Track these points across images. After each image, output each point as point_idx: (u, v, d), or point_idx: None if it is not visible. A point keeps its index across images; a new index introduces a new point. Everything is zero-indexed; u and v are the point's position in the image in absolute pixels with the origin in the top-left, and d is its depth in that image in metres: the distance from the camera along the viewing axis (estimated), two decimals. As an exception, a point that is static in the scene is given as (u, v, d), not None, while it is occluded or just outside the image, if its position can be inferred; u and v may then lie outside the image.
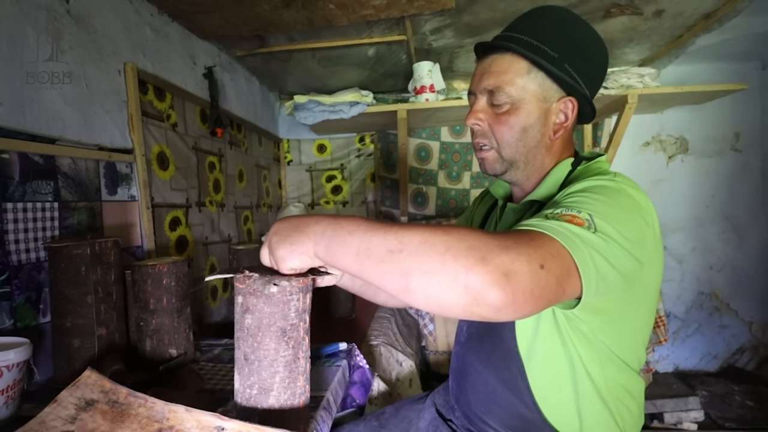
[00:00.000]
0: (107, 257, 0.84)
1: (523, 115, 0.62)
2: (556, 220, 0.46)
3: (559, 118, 0.63)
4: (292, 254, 0.50)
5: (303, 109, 1.83)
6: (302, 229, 0.49)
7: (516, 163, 0.65)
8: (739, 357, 2.11)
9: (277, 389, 0.56)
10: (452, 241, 0.40)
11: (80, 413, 0.61)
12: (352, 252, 0.44)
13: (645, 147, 2.11)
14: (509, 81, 0.61)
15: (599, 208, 0.49)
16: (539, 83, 0.61)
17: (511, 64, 0.61)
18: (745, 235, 2.07)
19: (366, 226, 0.45)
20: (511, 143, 0.63)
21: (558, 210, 0.48)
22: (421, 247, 0.40)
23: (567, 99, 0.63)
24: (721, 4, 1.35)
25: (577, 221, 0.45)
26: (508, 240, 0.41)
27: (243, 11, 1.27)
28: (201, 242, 1.47)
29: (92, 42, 1.01)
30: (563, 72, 0.60)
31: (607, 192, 0.52)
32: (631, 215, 0.51)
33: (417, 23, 1.43)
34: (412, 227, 0.43)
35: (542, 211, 0.50)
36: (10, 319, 0.80)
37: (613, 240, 0.46)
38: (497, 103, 0.63)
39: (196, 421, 0.58)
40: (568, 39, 0.61)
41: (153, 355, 0.85)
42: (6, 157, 0.80)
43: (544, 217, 0.47)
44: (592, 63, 0.63)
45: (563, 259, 0.42)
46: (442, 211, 2.18)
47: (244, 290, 0.55)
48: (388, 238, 0.42)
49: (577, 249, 0.43)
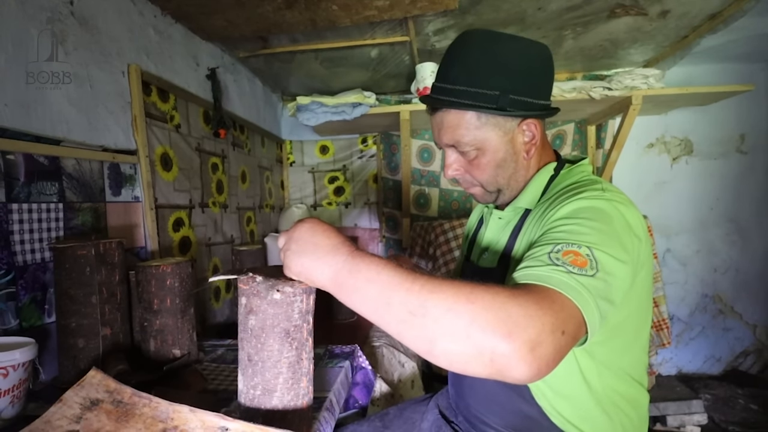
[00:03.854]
0: (111, 258, 0.85)
1: (491, 154, 0.65)
2: (562, 264, 0.46)
3: (526, 137, 0.65)
4: (300, 274, 0.50)
5: (306, 110, 1.83)
6: (319, 254, 0.47)
7: (502, 190, 0.69)
8: (742, 360, 2.10)
9: (280, 390, 0.56)
10: (477, 311, 0.39)
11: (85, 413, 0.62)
12: (370, 302, 0.44)
13: (649, 149, 2.10)
14: (464, 134, 0.64)
15: (597, 238, 0.50)
16: (493, 123, 0.63)
17: (459, 119, 0.63)
18: (749, 237, 2.06)
19: (386, 275, 0.43)
20: (490, 180, 0.67)
21: (559, 246, 0.49)
22: (445, 315, 0.40)
23: (526, 121, 0.64)
24: (727, 4, 1.34)
25: (580, 261, 0.47)
26: (530, 304, 0.41)
27: (246, 12, 1.27)
28: (204, 243, 1.47)
29: (96, 43, 1.01)
30: (511, 104, 0.61)
31: (601, 216, 0.53)
32: (626, 236, 0.52)
33: (420, 24, 1.43)
34: (435, 285, 0.42)
35: (543, 246, 0.50)
36: (15, 319, 0.80)
37: (613, 276, 0.48)
38: (463, 151, 0.66)
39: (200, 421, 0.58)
40: (502, 68, 0.61)
41: (157, 355, 0.86)
42: (11, 159, 0.81)
43: (549, 260, 0.47)
44: (533, 77, 0.63)
45: (578, 317, 0.44)
46: (444, 213, 2.17)
47: (248, 292, 0.55)
48: (410, 298, 0.41)
49: (586, 305, 0.44)
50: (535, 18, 1.41)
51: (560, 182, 0.65)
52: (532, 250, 0.52)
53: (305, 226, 0.50)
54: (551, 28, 1.49)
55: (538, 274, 0.46)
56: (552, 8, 1.35)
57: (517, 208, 0.67)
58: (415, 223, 2.05)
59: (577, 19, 1.42)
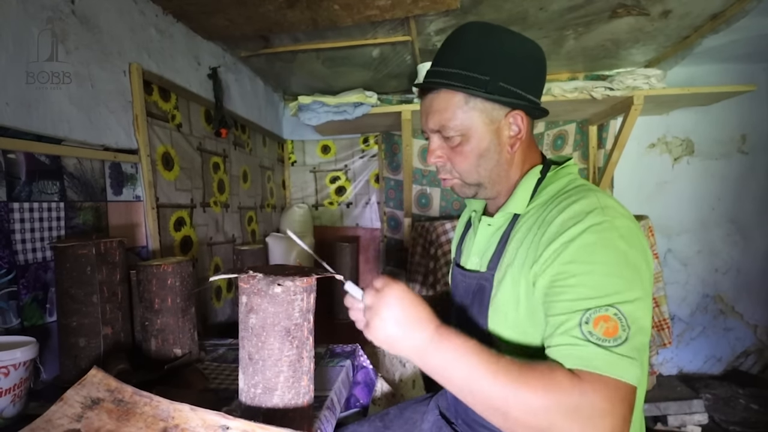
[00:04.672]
0: (112, 257, 0.85)
1: (475, 142, 0.63)
2: (598, 342, 0.47)
3: (512, 131, 0.64)
4: (385, 342, 0.53)
5: (307, 110, 1.83)
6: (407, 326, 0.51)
7: (482, 185, 0.67)
8: (743, 360, 2.09)
9: (281, 389, 0.56)
10: (553, 411, 0.45)
11: (86, 412, 0.62)
12: (453, 385, 0.50)
13: (650, 149, 2.09)
14: (451, 117, 0.63)
15: (618, 286, 0.50)
16: (480, 109, 0.62)
17: (448, 101, 0.63)
18: (751, 238, 2.06)
19: (468, 362, 0.48)
20: (471, 171, 0.66)
21: (588, 313, 0.49)
22: (525, 414, 0.45)
23: (513, 113, 0.63)
24: (729, 4, 1.34)
25: (611, 327, 0.48)
26: (598, 400, 0.45)
27: (247, 12, 1.27)
28: (205, 242, 1.47)
29: (97, 42, 1.01)
30: (499, 92, 0.61)
31: (616, 252, 0.52)
32: (639, 266, 0.52)
33: (421, 24, 1.43)
34: (513, 379, 0.46)
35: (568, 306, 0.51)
36: (17, 318, 0.80)
37: (640, 322, 0.49)
38: (448, 137, 0.65)
39: (201, 420, 0.58)
40: (496, 56, 0.61)
41: (158, 354, 0.86)
42: (12, 158, 0.81)
43: (583, 336, 0.48)
44: (525, 70, 0.63)
45: (632, 388, 0.47)
46: (445, 213, 2.17)
47: (249, 290, 0.55)
48: (493, 392, 0.47)
49: (634, 374, 0.47)
50: (537, 18, 1.41)
51: (548, 185, 0.65)
52: (558, 309, 0.52)
53: (396, 294, 0.52)
54: (553, 28, 1.49)
55: (585, 359, 0.47)
56: (554, 8, 1.34)
57: (507, 214, 0.66)
58: (416, 223, 2.05)
59: (578, 19, 1.42)
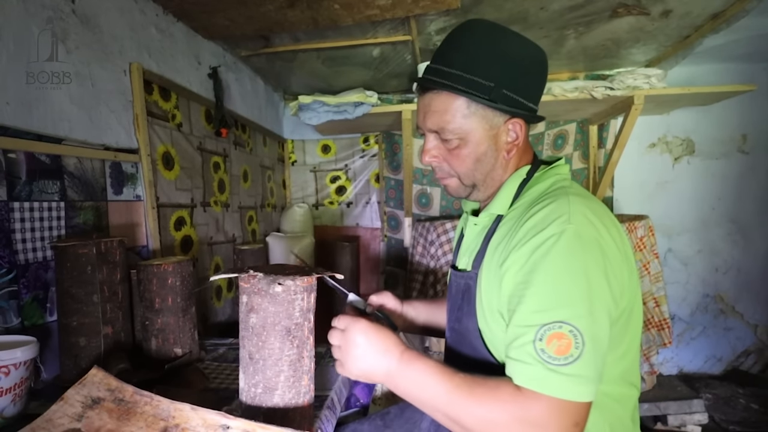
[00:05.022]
0: (113, 257, 0.85)
1: (473, 146, 0.63)
2: (549, 361, 0.49)
3: (509, 137, 0.64)
4: (360, 377, 0.58)
5: (307, 109, 1.83)
6: (375, 357, 0.56)
7: (477, 186, 0.68)
8: (743, 360, 2.09)
9: (281, 388, 0.56)
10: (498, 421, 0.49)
11: (87, 411, 0.62)
12: (419, 404, 0.55)
13: (651, 148, 2.09)
14: (451, 120, 0.62)
15: (574, 298, 0.50)
16: (482, 115, 0.62)
17: (449, 103, 0.62)
18: (751, 237, 2.06)
19: (431, 384, 0.53)
20: (468, 173, 0.66)
21: (542, 330, 0.50)
22: (476, 424, 0.50)
23: (513, 120, 0.63)
24: (730, 4, 1.34)
25: (564, 345, 0.49)
26: (539, 414, 0.48)
27: (248, 11, 1.27)
28: (206, 242, 1.47)
29: (98, 42, 1.01)
30: (502, 99, 0.60)
31: (572, 258, 0.51)
32: (605, 270, 0.52)
33: (422, 23, 1.43)
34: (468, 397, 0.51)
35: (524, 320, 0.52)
36: (17, 317, 0.80)
37: (598, 338, 0.50)
38: (446, 139, 0.64)
39: (202, 420, 0.58)
40: (501, 62, 0.60)
41: (158, 354, 0.86)
42: (13, 157, 0.81)
43: (537, 355, 0.50)
44: (529, 77, 0.63)
45: (584, 406, 0.49)
46: (446, 212, 2.17)
47: (249, 290, 0.55)
48: (451, 406, 0.52)
49: (585, 393, 0.49)
50: (538, 17, 1.41)
51: (533, 186, 0.65)
52: (516, 319, 0.53)
53: (360, 331, 0.57)
54: (553, 27, 1.49)
55: (533, 378, 0.50)
56: (554, 8, 1.34)
57: (490, 214, 0.67)
58: (416, 223, 2.05)
59: (579, 18, 1.42)
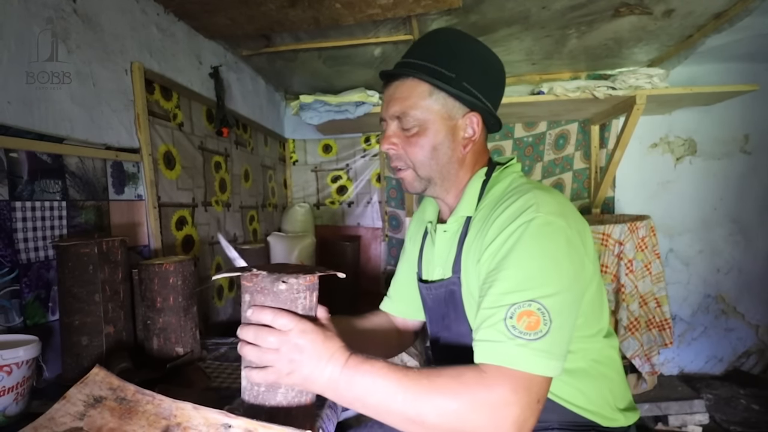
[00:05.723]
0: (114, 256, 0.85)
1: (431, 134, 0.66)
2: (519, 335, 0.50)
3: (467, 132, 0.67)
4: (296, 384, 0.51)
5: (309, 109, 1.83)
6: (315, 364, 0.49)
7: (433, 180, 0.69)
8: (744, 360, 2.09)
9: (284, 387, 0.56)
10: (465, 413, 0.47)
11: (89, 410, 0.62)
12: (370, 410, 0.50)
13: (653, 148, 2.09)
14: (413, 105, 0.65)
15: (543, 279, 0.52)
16: (442, 103, 0.65)
17: (413, 89, 0.65)
18: (752, 238, 2.05)
19: (382, 386, 0.49)
20: (424, 162, 0.67)
21: (513, 308, 0.51)
22: (440, 417, 0.47)
23: (471, 114, 0.67)
24: (732, 3, 1.33)
25: (533, 321, 0.50)
26: (507, 393, 0.48)
27: (249, 10, 1.27)
28: (207, 242, 1.47)
29: (99, 41, 1.01)
30: (462, 90, 0.64)
31: (541, 243, 0.54)
32: (570, 256, 0.55)
33: (424, 22, 1.42)
34: (424, 390, 0.48)
35: (495, 300, 0.53)
36: (20, 316, 0.80)
37: (565, 315, 0.52)
38: (406, 126, 0.66)
39: (204, 419, 0.58)
40: (463, 58, 0.65)
41: (160, 353, 0.86)
42: (14, 156, 0.81)
43: (507, 330, 0.51)
44: (488, 77, 0.67)
45: (546, 380, 0.51)
46: (446, 212, 2.17)
47: (252, 288, 0.55)
48: (406, 407, 0.48)
49: (549, 368, 0.50)
50: (540, 17, 1.41)
51: (492, 185, 0.67)
52: (487, 302, 0.54)
53: (305, 333, 0.50)
54: (555, 27, 1.49)
55: (502, 355, 0.50)
56: (556, 7, 1.34)
57: (459, 218, 0.68)
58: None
59: (581, 18, 1.41)
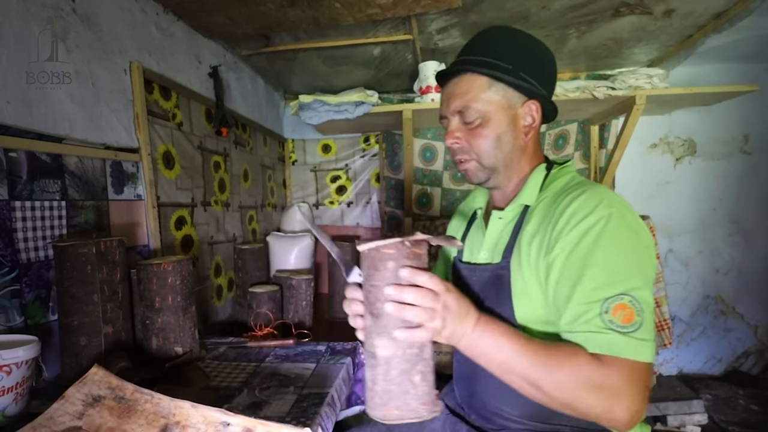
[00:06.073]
0: (113, 256, 0.85)
1: (494, 124, 0.68)
2: (618, 328, 0.53)
3: (526, 120, 0.70)
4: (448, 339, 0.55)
5: (308, 108, 1.82)
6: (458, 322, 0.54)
7: (497, 169, 0.71)
8: (743, 361, 2.09)
9: (422, 363, 0.53)
10: (579, 391, 0.52)
11: (88, 409, 0.62)
12: (494, 367, 0.56)
13: (652, 149, 2.09)
14: (474, 98, 0.68)
15: (629, 272, 0.55)
16: (502, 94, 0.68)
17: (472, 83, 0.68)
18: (752, 238, 2.05)
19: (507, 348, 0.55)
20: (489, 152, 0.70)
21: (607, 303, 0.54)
22: (555, 390, 0.53)
23: (530, 102, 0.69)
24: (733, 3, 1.33)
25: (627, 314, 0.53)
26: (621, 383, 0.51)
27: (248, 10, 1.27)
28: (206, 242, 1.47)
29: (98, 41, 1.01)
30: (520, 79, 0.67)
31: (622, 238, 0.57)
32: (647, 249, 0.58)
33: (423, 22, 1.42)
34: (547, 361, 0.53)
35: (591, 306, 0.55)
36: (20, 316, 0.81)
37: (649, 303, 0.55)
38: (468, 120, 0.69)
39: (202, 417, 0.58)
40: (518, 51, 0.68)
41: (159, 353, 0.86)
42: (14, 156, 0.81)
43: (604, 324, 0.54)
44: (542, 67, 0.70)
45: (650, 366, 0.54)
46: (446, 213, 2.17)
47: (396, 255, 0.52)
48: (529, 371, 0.54)
49: (651, 353, 0.53)
50: (539, 17, 1.41)
51: (552, 181, 0.70)
52: (579, 297, 0.56)
53: (452, 295, 0.54)
54: (555, 26, 1.48)
55: (607, 344, 0.53)
56: (556, 7, 1.34)
57: (517, 206, 0.70)
58: (417, 223, 2.05)
59: (581, 17, 1.41)
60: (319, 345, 1.05)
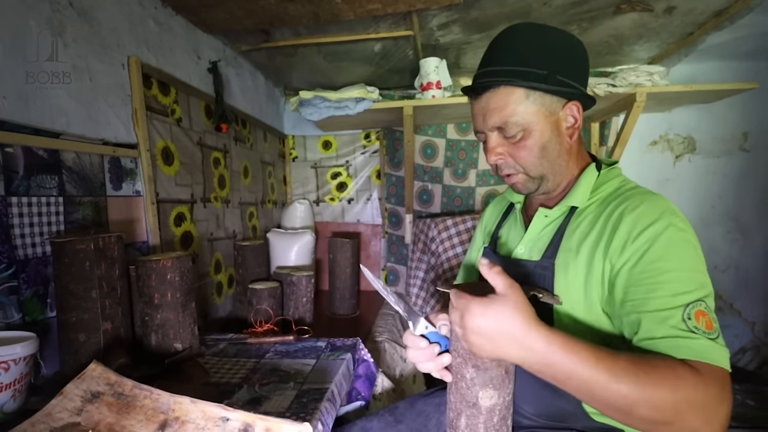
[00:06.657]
0: (111, 252, 0.85)
1: (537, 135, 0.65)
2: (703, 334, 0.51)
3: (568, 122, 0.67)
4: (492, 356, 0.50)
5: (308, 105, 1.82)
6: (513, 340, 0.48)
7: (545, 177, 0.68)
8: (740, 357, 2.10)
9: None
10: (681, 405, 0.45)
11: (86, 405, 0.62)
12: (570, 389, 0.49)
13: (652, 146, 2.09)
14: (512, 112, 0.64)
15: (701, 280, 0.55)
16: (540, 102, 0.64)
17: (508, 97, 0.64)
18: (750, 236, 2.06)
19: (584, 374, 0.46)
20: (535, 164, 0.67)
21: (688, 309, 0.52)
22: (652, 410, 0.46)
23: (570, 104, 0.66)
24: (733, 1, 1.32)
25: (708, 320, 0.51)
26: (717, 390, 0.47)
27: (247, 4, 1.26)
28: (206, 238, 1.47)
29: (96, 35, 1.00)
30: (558, 84, 0.63)
31: (689, 246, 0.56)
32: (704, 265, 0.58)
33: (424, 18, 1.41)
34: (637, 379, 0.46)
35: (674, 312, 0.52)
36: (18, 313, 0.80)
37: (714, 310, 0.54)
38: (509, 134, 0.65)
39: (201, 412, 0.58)
40: (549, 51, 0.64)
41: (158, 349, 0.86)
42: (10, 151, 0.80)
43: (689, 329, 0.51)
44: (576, 62, 0.66)
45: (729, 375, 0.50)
46: (447, 209, 2.17)
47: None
48: (617, 392, 0.46)
49: (728, 363, 0.50)
50: (540, 13, 1.40)
51: (602, 183, 0.68)
52: (658, 303, 0.53)
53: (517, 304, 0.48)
54: (556, 23, 1.48)
55: (699, 350, 0.50)
56: (557, 3, 1.33)
57: (565, 207, 0.68)
58: (417, 219, 2.05)
59: (582, 14, 1.41)
60: (319, 341, 1.05)
